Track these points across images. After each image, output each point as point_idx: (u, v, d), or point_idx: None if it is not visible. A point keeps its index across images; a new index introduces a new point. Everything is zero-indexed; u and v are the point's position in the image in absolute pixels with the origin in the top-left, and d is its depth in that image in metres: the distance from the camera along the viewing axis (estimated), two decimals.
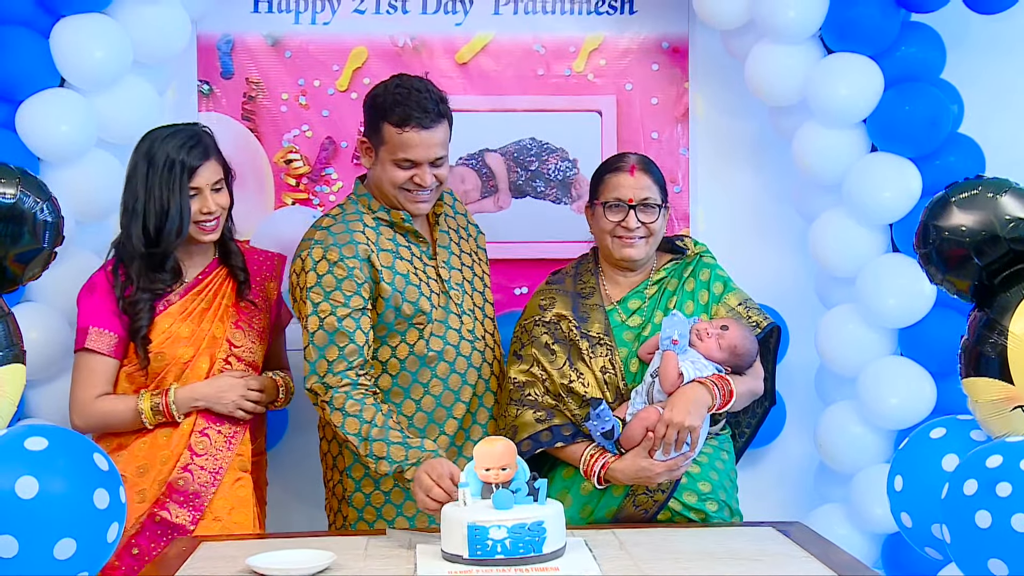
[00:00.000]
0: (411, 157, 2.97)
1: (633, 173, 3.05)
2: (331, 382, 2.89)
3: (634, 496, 2.94)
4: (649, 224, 3.02)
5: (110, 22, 3.29)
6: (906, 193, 3.40)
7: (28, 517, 2.25)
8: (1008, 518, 2.28)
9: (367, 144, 3.06)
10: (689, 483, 2.94)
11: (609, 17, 3.84)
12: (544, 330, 3.08)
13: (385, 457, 2.79)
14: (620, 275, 3.12)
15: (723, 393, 2.90)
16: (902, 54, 3.42)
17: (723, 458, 3.04)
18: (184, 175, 2.97)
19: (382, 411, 2.86)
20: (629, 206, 3.02)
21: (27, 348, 2.49)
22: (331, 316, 2.93)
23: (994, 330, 2.48)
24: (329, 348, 2.91)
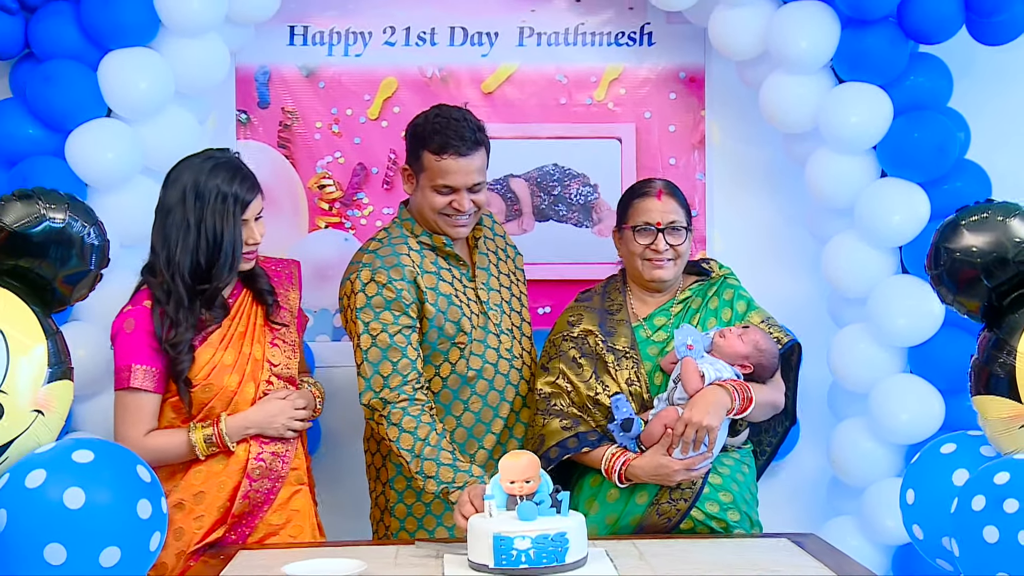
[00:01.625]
0: (449, 183, 2.98)
1: (660, 198, 3.06)
2: (388, 397, 2.90)
3: (657, 504, 2.93)
4: (677, 246, 3.03)
5: (154, 55, 3.32)
6: (915, 217, 3.39)
7: (75, 526, 2.26)
8: (1015, 534, 2.27)
9: (408, 171, 3.08)
10: (711, 493, 2.93)
11: (628, 48, 3.85)
12: (571, 344, 3.09)
13: (434, 476, 2.79)
14: (647, 295, 3.13)
15: (742, 398, 2.88)
16: (911, 83, 3.42)
17: (744, 471, 3.03)
18: (237, 208, 2.90)
19: (436, 430, 2.86)
20: (658, 229, 3.02)
21: (74, 365, 2.50)
22: (383, 333, 2.94)
23: (1003, 350, 2.47)
24: (383, 364, 2.92)
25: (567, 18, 3.85)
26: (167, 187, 2.96)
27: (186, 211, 2.89)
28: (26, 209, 2.38)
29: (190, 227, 2.88)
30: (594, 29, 3.85)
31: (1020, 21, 3.39)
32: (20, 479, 2.28)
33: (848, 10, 3.34)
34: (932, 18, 3.33)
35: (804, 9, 3.38)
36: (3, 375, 2.29)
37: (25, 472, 2.29)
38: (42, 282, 2.42)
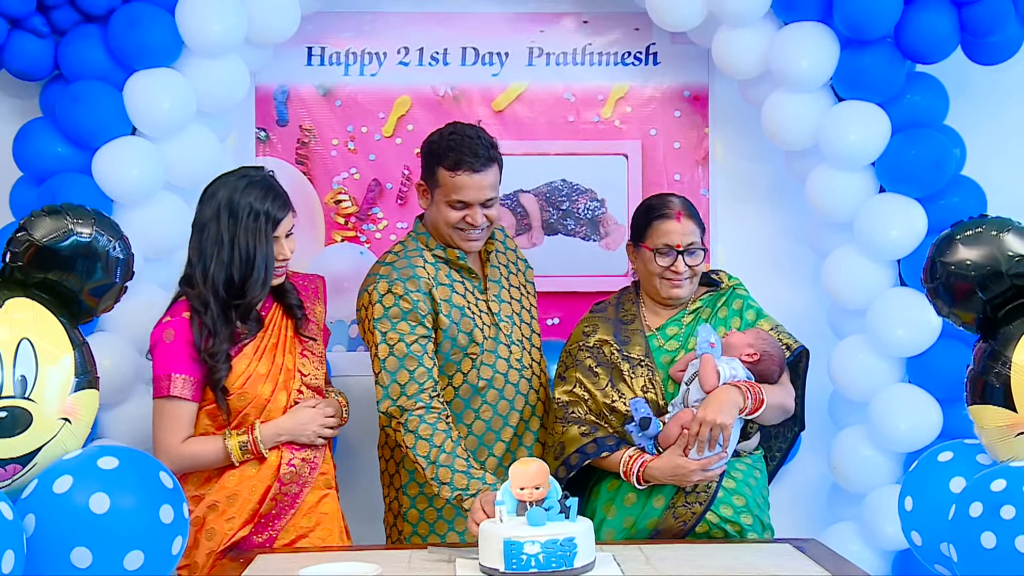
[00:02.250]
0: (463, 199, 2.99)
1: (679, 219, 3.03)
2: (406, 405, 2.90)
3: (674, 508, 2.93)
4: (694, 267, 3.03)
5: (177, 76, 3.35)
6: (912, 231, 3.40)
7: (101, 531, 2.27)
8: (1012, 540, 2.26)
9: (423, 187, 3.08)
10: (725, 497, 2.93)
11: (634, 68, 3.86)
12: (588, 354, 3.09)
13: (448, 483, 2.80)
14: (660, 307, 3.12)
15: (754, 398, 2.87)
16: (908, 102, 3.43)
17: (756, 476, 3.02)
18: (269, 225, 2.92)
19: (451, 437, 2.86)
20: (677, 252, 3.01)
21: (100, 374, 2.50)
22: (400, 343, 2.94)
23: (998, 360, 2.46)
24: (400, 372, 2.93)
25: (575, 39, 3.86)
26: (203, 203, 2.98)
27: (220, 227, 2.91)
28: (54, 224, 2.39)
29: (224, 243, 2.90)
30: (601, 49, 3.86)
31: (1013, 42, 3.41)
32: (48, 485, 2.29)
33: (847, 31, 3.34)
34: (928, 38, 3.34)
35: (804, 30, 3.39)
36: (32, 384, 2.29)
37: (53, 478, 2.29)
38: (69, 294, 2.42)
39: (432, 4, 3.82)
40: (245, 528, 2.92)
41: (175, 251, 3.36)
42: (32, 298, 2.37)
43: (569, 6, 3.84)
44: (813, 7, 3.37)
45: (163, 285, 3.35)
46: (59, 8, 3.25)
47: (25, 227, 2.40)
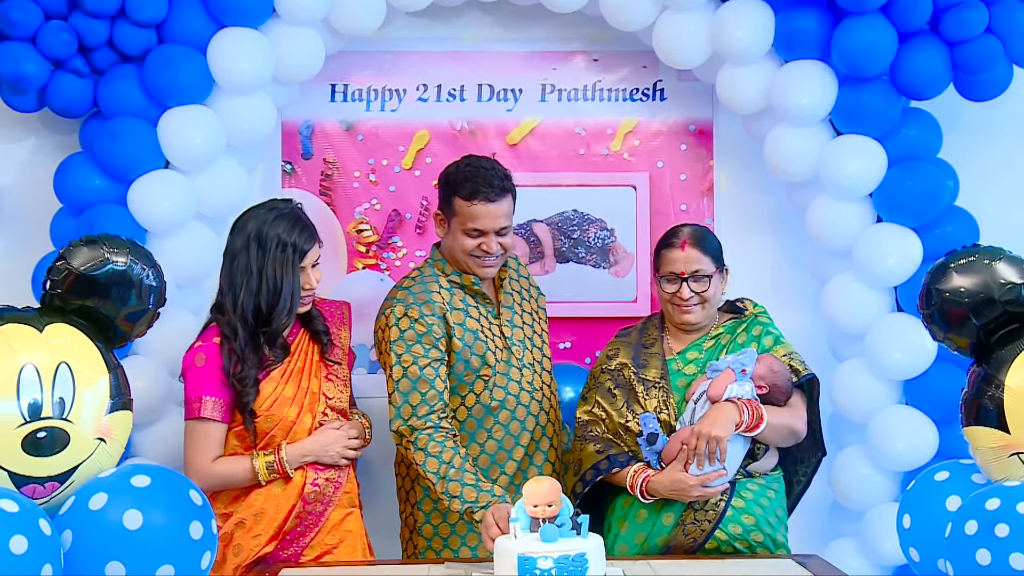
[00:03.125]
0: (479, 227, 3.00)
1: (684, 248, 3.03)
2: (416, 424, 2.90)
3: (683, 525, 2.91)
4: (701, 293, 3.01)
5: (208, 112, 3.37)
6: (909, 259, 3.39)
7: (133, 546, 2.27)
8: (1006, 557, 2.26)
9: (441, 216, 3.09)
10: (734, 516, 2.90)
11: (642, 103, 3.86)
12: (608, 377, 3.10)
13: (459, 496, 2.79)
14: (682, 333, 3.11)
15: (752, 415, 2.84)
16: (903, 136, 3.42)
17: (769, 496, 2.98)
18: (296, 256, 2.93)
19: (460, 454, 2.86)
20: (682, 279, 3.01)
21: (133, 396, 2.51)
22: (413, 365, 2.94)
23: (992, 383, 2.46)
24: (412, 394, 2.93)
25: (585, 76, 3.86)
26: (234, 234, 2.99)
27: (249, 258, 2.92)
28: (91, 253, 2.41)
29: (253, 273, 2.91)
30: (610, 86, 3.86)
31: (1003, 79, 3.40)
32: (84, 501, 2.29)
33: (845, 68, 3.35)
34: (922, 76, 3.34)
35: (804, 68, 3.39)
36: (70, 406, 2.30)
37: (89, 495, 2.30)
38: (105, 320, 2.43)
39: (449, 43, 3.82)
40: (271, 544, 2.92)
41: (205, 279, 3.40)
42: (70, 324, 2.38)
43: (580, 45, 3.84)
44: (812, 46, 3.38)
45: (194, 311, 3.37)
46: (98, 49, 3.27)
47: (64, 256, 2.42)
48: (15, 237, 3.61)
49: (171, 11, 3.30)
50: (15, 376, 2.25)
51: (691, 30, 3.44)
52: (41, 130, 3.60)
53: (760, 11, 3.39)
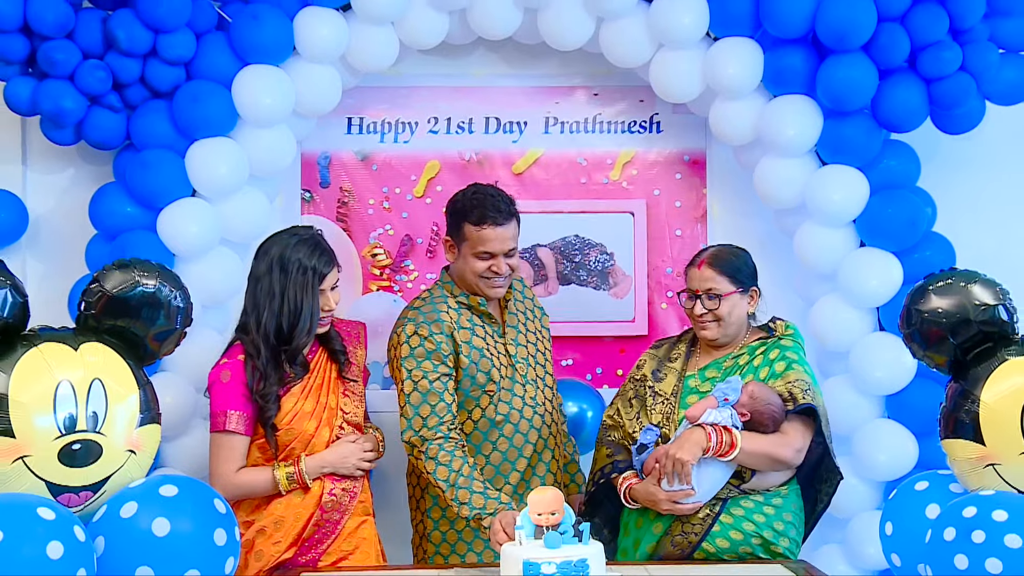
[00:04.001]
0: (488, 249, 3.00)
1: (701, 267, 2.99)
2: (427, 435, 2.89)
3: (671, 536, 2.89)
4: (714, 311, 2.96)
5: (232, 144, 3.37)
6: (890, 282, 3.39)
7: (162, 552, 2.28)
8: (983, 562, 2.27)
9: (450, 242, 3.08)
10: (722, 530, 2.86)
11: (639, 135, 3.86)
12: (631, 386, 3.10)
13: (467, 503, 2.78)
14: (712, 349, 3.05)
15: (720, 442, 2.77)
16: (884, 166, 3.42)
17: (767, 511, 2.89)
18: (316, 280, 2.93)
19: (468, 463, 2.85)
20: (695, 296, 2.99)
21: (161, 411, 2.52)
22: (423, 380, 2.94)
23: (968, 399, 2.48)
24: (423, 406, 2.92)
25: (586, 109, 3.85)
26: (258, 258, 2.99)
27: (272, 281, 2.92)
28: (123, 276, 2.43)
29: (275, 295, 2.91)
30: (610, 119, 3.86)
31: (976, 114, 3.41)
32: (116, 510, 2.31)
33: (829, 103, 3.35)
34: (901, 110, 3.34)
35: (791, 102, 3.40)
36: (102, 420, 2.32)
37: (120, 504, 2.32)
38: (136, 339, 2.45)
39: (458, 79, 3.82)
40: (290, 551, 2.91)
41: (229, 300, 3.40)
42: (103, 342, 2.40)
43: (581, 80, 3.84)
44: (799, 81, 3.38)
45: (219, 330, 3.38)
46: (131, 86, 3.29)
47: (98, 279, 2.44)
48: (53, 261, 3.62)
49: (199, 50, 3.31)
50: (52, 392, 2.26)
51: (685, 67, 3.45)
52: (78, 161, 3.61)
53: (750, 49, 3.39)
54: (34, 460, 2.23)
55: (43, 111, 3.27)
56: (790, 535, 2.91)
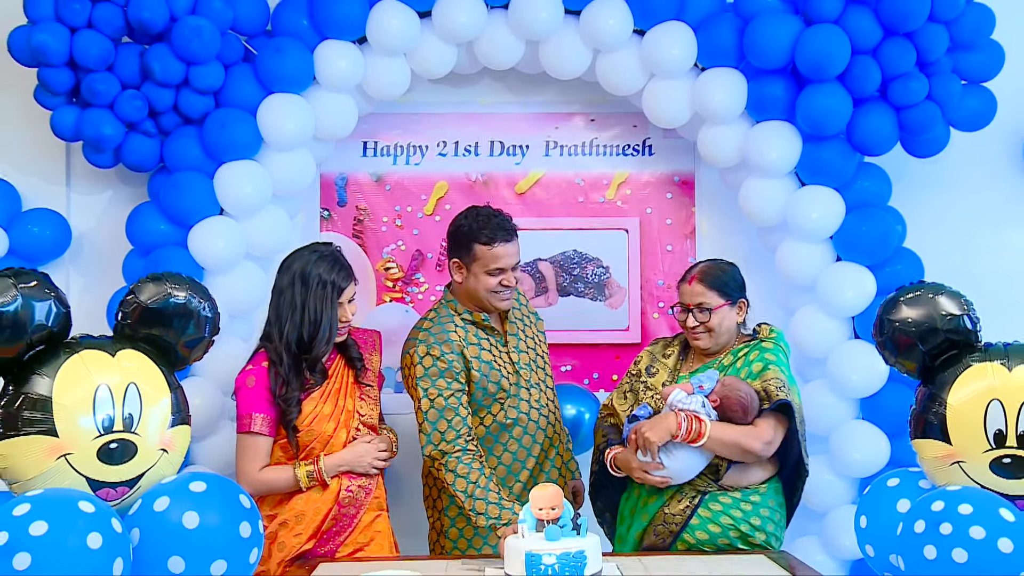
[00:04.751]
0: (501, 265, 2.99)
1: (691, 283, 2.99)
2: (446, 449, 2.88)
3: (654, 526, 2.90)
4: (705, 323, 2.95)
5: (257, 166, 3.39)
6: (864, 293, 3.40)
7: (192, 543, 2.28)
8: (950, 552, 2.26)
9: (458, 263, 3.04)
10: (700, 524, 2.87)
11: (633, 158, 3.86)
12: (628, 380, 3.12)
13: (484, 513, 2.78)
14: (703, 355, 3.04)
15: (690, 429, 2.77)
16: (858, 187, 3.43)
17: (743, 508, 2.88)
18: (335, 293, 2.92)
19: (484, 474, 2.84)
20: (687, 309, 2.99)
21: (191, 413, 2.51)
22: (439, 398, 2.92)
23: (936, 402, 2.47)
24: (440, 422, 2.91)
25: (584, 134, 3.86)
26: (281, 272, 2.98)
27: (295, 294, 2.91)
28: (156, 289, 2.42)
29: (297, 307, 2.90)
30: (605, 142, 3.86)
31: (942, 139, 3.42)
32: (149, 504, 2.31)
33: (807, 128, 3.36)
34: (874, 136, 3.36)
35: (772, 128, 3.41)
36: (137, 421, 2.32)
37: (153, 498, 2.31)
38: (167, 347, 2.45)
39: (465, 106, 3.83)
40: (310, 542, 2.91)
41: (254, 310, 3.41)
42: (138, 350, 2.40)
43: (579, 107, 3.84)
44: (780, 108, 3.39)
45: (244, 338, 3.39)
46: (165, 114, 3.31)
47: (133, 291, 2.44)
48: (92, 275, 3.63)
49: (227, 80, 3.34)
50: (92, 395, 2.27)
51: (675, 95, 3.46)
52: (116, 183, 3.63)
53: (734, 79, 3.41)
54: (75, 458, 2.24)
55: (85, 137, 3.29)
56: (767, 529, 2.90)
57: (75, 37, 3.18)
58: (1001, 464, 2.38)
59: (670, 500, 2.90)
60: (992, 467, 2.39)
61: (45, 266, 3.45)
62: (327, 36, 3.40)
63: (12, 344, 2.23)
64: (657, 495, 2.92)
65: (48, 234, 3.51)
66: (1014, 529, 2.26)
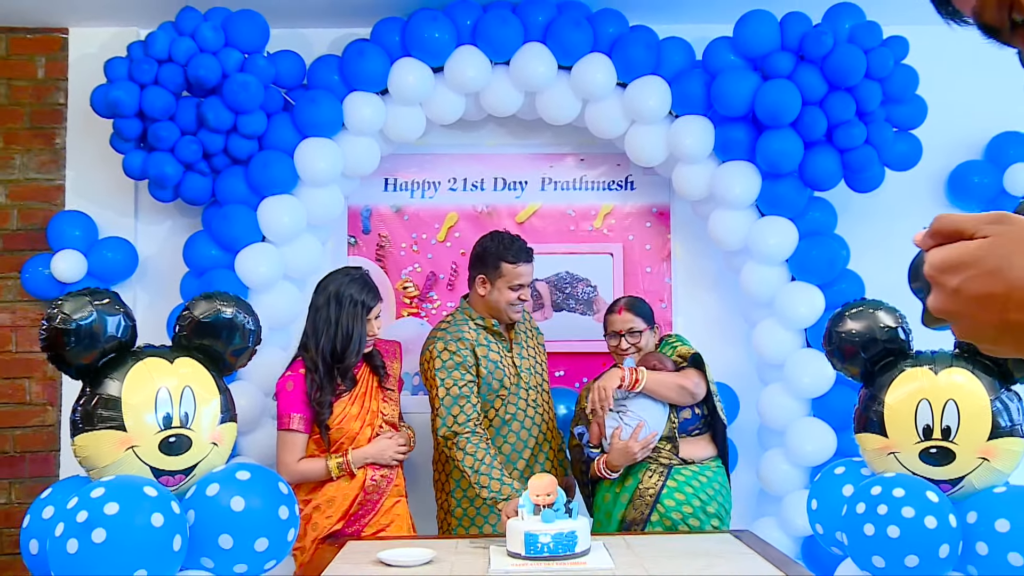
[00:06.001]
0: (522, 282, 3.02)
1: (620, 313, 3.08)
2: (458, 430, 2.89)
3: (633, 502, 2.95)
4: (635, 344, 3.06)
5: (294, 200, 3.39)
6: (814, 309, 3.40)
7: (238, 523, 2.33)
8: (885, 529, 2.31)
9: (483, 278, 3.06)
10: (668, 493, 2.92)
11: (617, 192, 3.85)
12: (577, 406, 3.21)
13: (487, 487, 2.80)
14: None
15: (630, 377, 2.91)
16: (809, 217, 3.44)
17: (701, 480, 2.96)
18: (364, 311, 2.94)
19: (490, 454, 2.86)
20: (619, 335, 3.06)
21: (237, 411, 2.56)
22: (454, 387, 2.94)
23: (875, 401, 2.52)
24: (453, 407, 2.92)
25: (575, 171, 3.85)
26: (317, 293, 2.99)
27: (330, 312, 2.92)
28: (208, 305, 2.48)
29: (331, 323, 2.91)
30: (594, 179, 3.85)
31: (878, 177, 3.43)
32: (202, 489, 2.36)
33: (766, 167, 3.37)
34: (822, 174, 3.36)
35: (736, 167, 3.41)
36: (192, 418, 2.36)
37: (206, 485, 2.37)
38: (217, 355, 2.49)
39: (472, 148, 3.83)
40: (339, 523, 2.92)
41: (291, 323, 3.41)
42: (192, 357, 2.45)
43: (570, 148, 3.83)
44: (742, 150, 3.40)
45: (282, 348, 3.39)
46: (216, 155, 3.32)
47: (188, 307, 2.49)
48: (155, 293, 3.63)
49: (269, 127, 3.34)
50: (154, 396, 2.32)
51: (653, 138, 3.47)
52: (175, 215, 3.64)
53: (703, 125, 3.42)
54: (141, 449, 2.29)
55: (150, 176, 3.31)
56: (718, 500, 2.97)
57: (143, 93, 3.20)
58: (928, 454, 2.42)
59: (643, 477, 2.94)
60: (921, 456, 2.43)
61: (116, 286, 3.46)
62: (354, 89, 3.42)
63: (88, 352, 2.28)
64: (632, 476, 2.96)
65: (119, 259, 3.52)
66: (938, 508, 2.30)
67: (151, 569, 2.12)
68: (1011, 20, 0.72)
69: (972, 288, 0.72)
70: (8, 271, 3.59)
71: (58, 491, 2.33)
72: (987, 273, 0.71)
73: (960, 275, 0.72)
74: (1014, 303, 0.69)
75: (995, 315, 0.71)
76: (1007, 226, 0.71)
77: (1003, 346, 0.72)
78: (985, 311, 0.71)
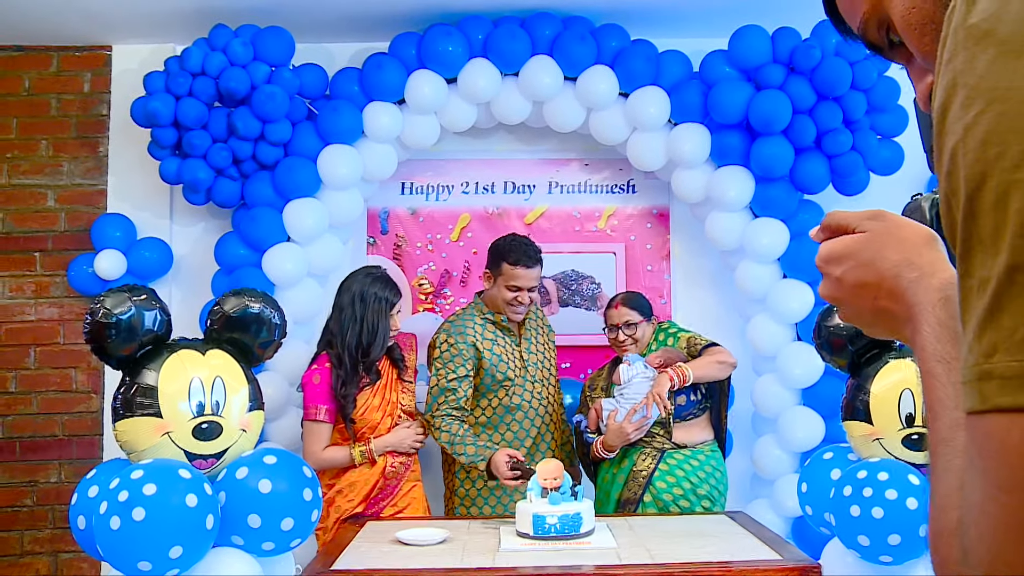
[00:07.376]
0: (517, 284, 3.00)
1: (618, 308, 3.09)
2: (436, 414, 2.92)
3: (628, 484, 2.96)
4: (632, 336, 3.07)
5: (317, 203, 3.40)
6: (805, 304, 3.39)
7: (266, 504, 2.34)
8: (870, 510, 2.31)
9: (489, 274, 3.07)
10: (660, 476, 2.93)
11: (620, 195, 3.85)
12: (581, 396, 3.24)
13: (464, 454, 2.83)
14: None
15: (680, 375, 2.88)
16: (800, 219, 3.42)
17: (692, 463, 2.96)
18: (387, 307, 2.94)
19: (464, 428, 2.89)
20: (616, 328, 3.07)
21: (265, 400, 2.57)
22: (443, 379, 2.95)
23: (861, 391, 2.53)
24: (440, 396, 2.94)
25: (580, 175, 3.84)
26: (341, 292, 2.98)
27: (355, 309, 2.93)
28: (237, 301, 2.48)
29: (357, 320, 2.92)
30: (598, 182, 3.85)
31: (864, 181, 3.43)
32: (232, 473, 2.37)
33: (759, 172, 3.37)
34: (811, 178, 3.36)
35: (732, 171, 3.41)
36: (223, 406, 2.37)
37: (235, 468, 2.38)
38: (245, 347, 2.50)
39: (484, 153, 3.83)
40: (360, 506, 2.94)
41: (314, 318, 3.41)
42: (222, 349, 2.46)
43: (576, 154, 3.83)
44: (737, 156, 3.39)
45: (306, 341, 3.39)
46: (245, 161, 3.33)
47: (219, 303, 2.50)
48: (188, 290, 3.64)
49: (294, 134, 3.35)
50: (187, 385, 2.33)
51: (653, 145, 3.47)
52: (207, 217, 3.66)
53: (701, 132, 3.42)
54: (176, 435, 2.30)
55: (184, 181, 3.32)
56: (710, 483, 2.96)
57: (179, 104, 3.21)
58: (911, 440, 2.43)
59: (638, 459, 2.95)
60: (904, 442, 2.44)
61: (153, 283, 3.48)
62: (373, 99, 3.42)
63: (128, 344, 2.30)
64: (628, 458, 2.98)
65: (156, 257, 3.54)
66: (919, 490, 2.31)
67: (186, 545, 2.14)
68: (889, 39, 0.75)
69: (850, 277, 0.76)
70: (56, 269, 3.64)
71: (101, 472, 2.35)
72: (862, 264, 0.75)
73: (842, 266, 0.77)
74: (884, 291, 0.73)
75: (869, 302, 0.75)
76: (881, 222, 0.76)
77: (877, 329, 0.77)
78: (860, 298, 0.76)
